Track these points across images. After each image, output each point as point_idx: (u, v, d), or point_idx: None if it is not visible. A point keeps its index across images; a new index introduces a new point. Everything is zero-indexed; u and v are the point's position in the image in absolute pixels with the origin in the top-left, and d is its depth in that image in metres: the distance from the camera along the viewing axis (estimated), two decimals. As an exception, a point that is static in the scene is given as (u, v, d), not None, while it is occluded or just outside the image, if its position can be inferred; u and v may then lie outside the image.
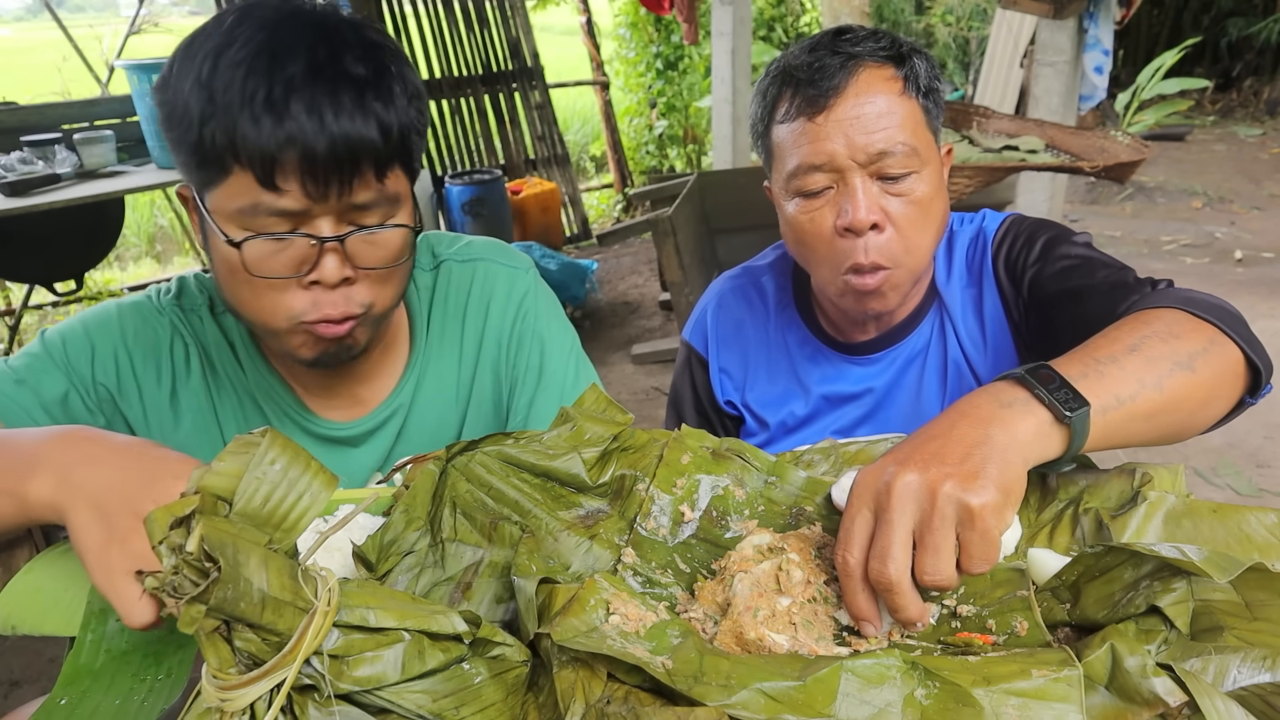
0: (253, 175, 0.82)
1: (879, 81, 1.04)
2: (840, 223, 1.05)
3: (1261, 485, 3.05)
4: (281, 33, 0.82)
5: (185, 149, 0.85)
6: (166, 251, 7.11)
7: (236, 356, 1.05)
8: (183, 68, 0.83)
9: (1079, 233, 1.14)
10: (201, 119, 0.81)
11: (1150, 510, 0.77)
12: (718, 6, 4.69)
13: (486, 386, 1.14)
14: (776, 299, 1.30)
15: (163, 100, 0.86)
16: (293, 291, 0.89)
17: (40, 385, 0.96)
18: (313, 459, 0.60)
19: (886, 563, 0.63)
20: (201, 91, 0.81)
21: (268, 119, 0.80)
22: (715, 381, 1.31)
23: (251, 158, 0.81)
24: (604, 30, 7.77)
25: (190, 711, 0.55)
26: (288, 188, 0.83)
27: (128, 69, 2.64)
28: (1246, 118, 8.93)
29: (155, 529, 0.52)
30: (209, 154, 0.82)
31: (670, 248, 3.01)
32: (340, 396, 1.08)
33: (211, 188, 0.86)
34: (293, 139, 0.81)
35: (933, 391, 1.21)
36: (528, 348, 1.13)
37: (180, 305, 1.04)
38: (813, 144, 1.04)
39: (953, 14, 8.11)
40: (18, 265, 3.17)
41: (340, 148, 0.82)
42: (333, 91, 0.82)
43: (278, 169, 0.82)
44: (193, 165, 0.85)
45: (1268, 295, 4.54)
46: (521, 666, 0.63)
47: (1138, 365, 0.78)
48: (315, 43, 0.83)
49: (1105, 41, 3.46)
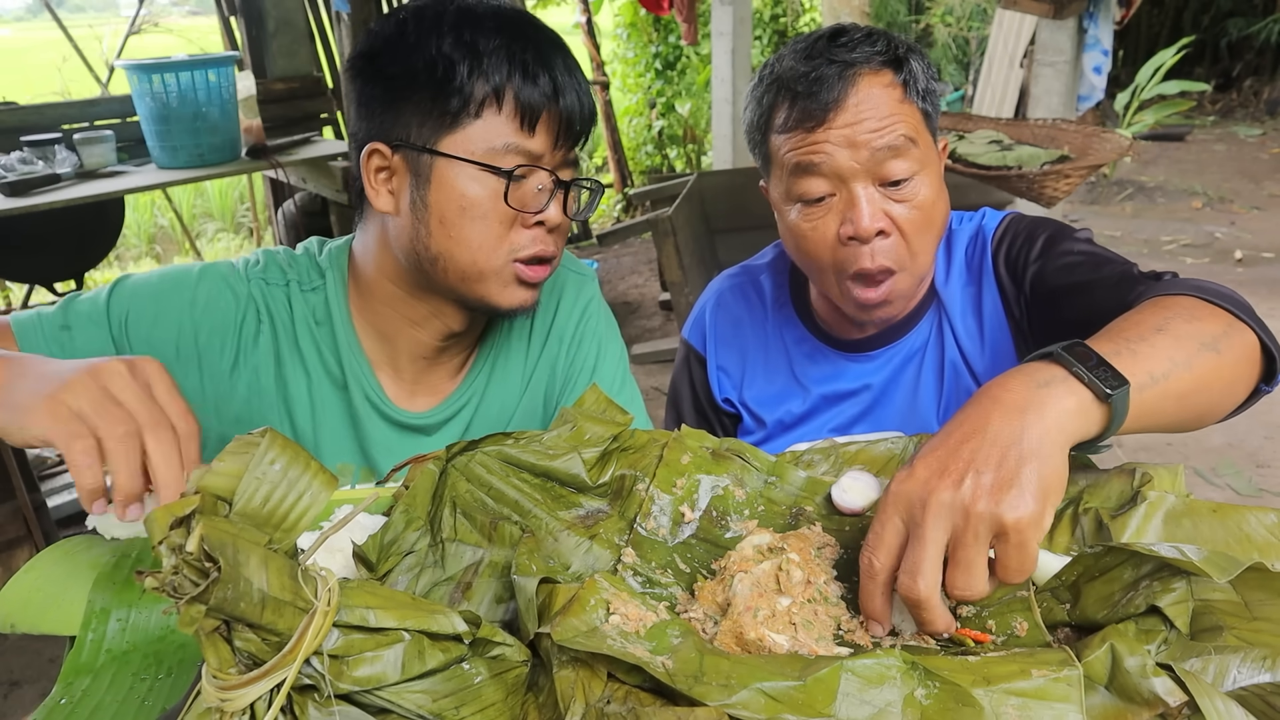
0: (515, 118, 0.95)
1: (878, 89, 1.03)
2: (845, 231, 1.04)
3: (1261, 485, 3.05)
4: (514, 12, 0.99)
5: (435, 100, 0.95)
6: (166, 252, 7.11)
7: (317, 336, 1.07)
8: (424, 32, 0.95)
9: (1079, 229, 1.13)
10: (468, 71, 0.94)
11: (1150, 510, 0.77)
12: (718, 6, 4.69)
13: (543, 380, 1.19)
14: (774, 297, 1.31)
15: (393, 60, 0.96)
16: (517, 229, 1.00)
17: (82, 339, 0.98)
18: (312, 459, 0.60)
19: (917, 579, 0.63)
20: (465, 49, 0.94)
21: (542, 73, 0.95)
22: (713, 380, 1.31)
23: (522, 103, 0.95)
24: (604, 30, 7.77)
25: (190, 711, 0.55)
26: (540, 132, 0.97)
27: (128, 69, 2.63)
28: (1246, 118, 8.93)
29: (155, 529, 0.52)
30: (468, 101, 0.94)
31: (670, 248, 3.01)
32: (422, 384, 1.12)
33: (453, 131, 0.96)
34: (560, 91, 0.97)
35: (929, 390, 1.21)
36: (586, 349, 1.19)
37: (265, 279, 1.07)
38: (814, 154, 1.04)
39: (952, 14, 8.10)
40: (18, 265, 3.17)
41: (586, 105, 1.00)
42: (566, 62, 0.99)
43: (543, 115, 0.96)
44: (440, 114, 0.95)
45: (1268, 295, 4.54)
46: (521, 666, 0.63)
47: (1167, 344, 0.76)
48: (540, 24, 1.01)
49: (1105, 41, 3.46)
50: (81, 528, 3.14)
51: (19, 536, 2.65)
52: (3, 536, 2.63)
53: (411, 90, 0.96)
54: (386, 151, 0.98)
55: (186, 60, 2.66)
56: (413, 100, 0.96)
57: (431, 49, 0.94)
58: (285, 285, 1.07)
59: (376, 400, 1.09)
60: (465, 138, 0.96)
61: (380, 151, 0.99)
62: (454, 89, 0.94)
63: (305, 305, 1.07)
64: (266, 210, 4.43)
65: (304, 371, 1.07)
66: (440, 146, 0.96)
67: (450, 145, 0.96)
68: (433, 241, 0.99)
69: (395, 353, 1.10)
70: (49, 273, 3.30)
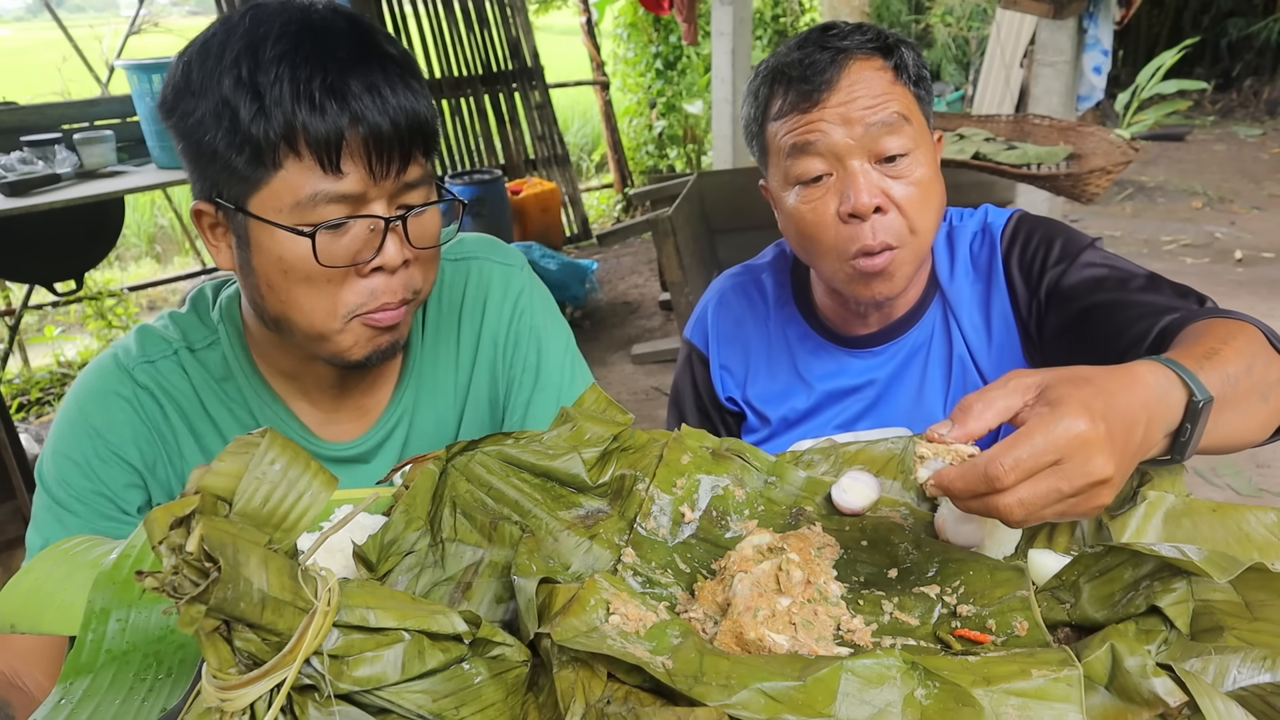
0: (314, 161, 0.82)
1: (869, 71, 1.05)
2: (844, 208, 1.05)
3: (1261, 485, 3.05)
4: (312, 21, 0.84)
5: (227, 153, 0.83)
6: (166, 252, 7.11)
7: (223, 393, 1.02)
8: (206, 74, 0.83)
9: (1090, 236, 1.14)
10: (250, 116, 0.81)
11: (1150, 510, 0.77)
12: (718, 6, 4.69)
13: (483, 386, 1.13)
14: (776, 295, 1.31)
15: (185, 112, 0.85)
16: (350, 283, 0.89)
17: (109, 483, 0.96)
18: (312, 459, 0.60)
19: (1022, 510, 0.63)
20: (244, 89, 0.81)
21: (330, 102, 0.81)
22: (716, 378, 1.31)
23: (314, 142, 0.82)
24: (604, 30, 7.77)
25: (190, 711, 0.55)
26: (349, 169, 0.84)
27: (128, 69, 2.63)
28: (1246, 118, 8.93)
29: (155, 529, 0.52)
30: (260, 150, 0.82)
31: (670, 248, 3.01)
32: (345, 410, 1.07)
33: (258, 188, 0.85)
34: (357, 118, 0.82)
35: (935, 386, 1.21)
36: (525, 347, 1.12)
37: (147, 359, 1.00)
38: (809, 133, 1.05)
39: (952, 14, 8.10)
40: (18, 265, 3.17)
41: (400, 124, 0.85)
42: (382, 70, 0.84)
43: (344, 150, 0.83)
44: (237, 168, 0.84)
45: (1268, 295, 4.54)
46: (521, 666, 0.63)
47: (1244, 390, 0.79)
48: (348, 28, 0.85)
49: (1105, 41, 3.46)
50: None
51: (19, 536, 2.65)
52: (3, 536, 2.63)
53: (207, 143, 0.84)
54: (210, 209, 0.89)
55: (186, 60, 2.66)
56: (213, 154, 0.84)
57: (214, 94, 0.82)
58: (173, 354, 1.00)
59: (302, 441, 1.04)
60: (271, 193, 0.84)
61: (205, 211, 0.90)
62: (242, 139, 0.82)
63: (200, 367, 1.01)
64: (266, 210, 4.43)
65: (220, 436, 1.02)
66: (249, 205, 0.85)
67: (257, 204, 0.85)
68: (267, 305, 0.91)
69: (305, 387, 1.04)
70: (49, 273, 3.30)
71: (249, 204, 0.86)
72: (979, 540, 0.78)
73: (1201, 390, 0.73)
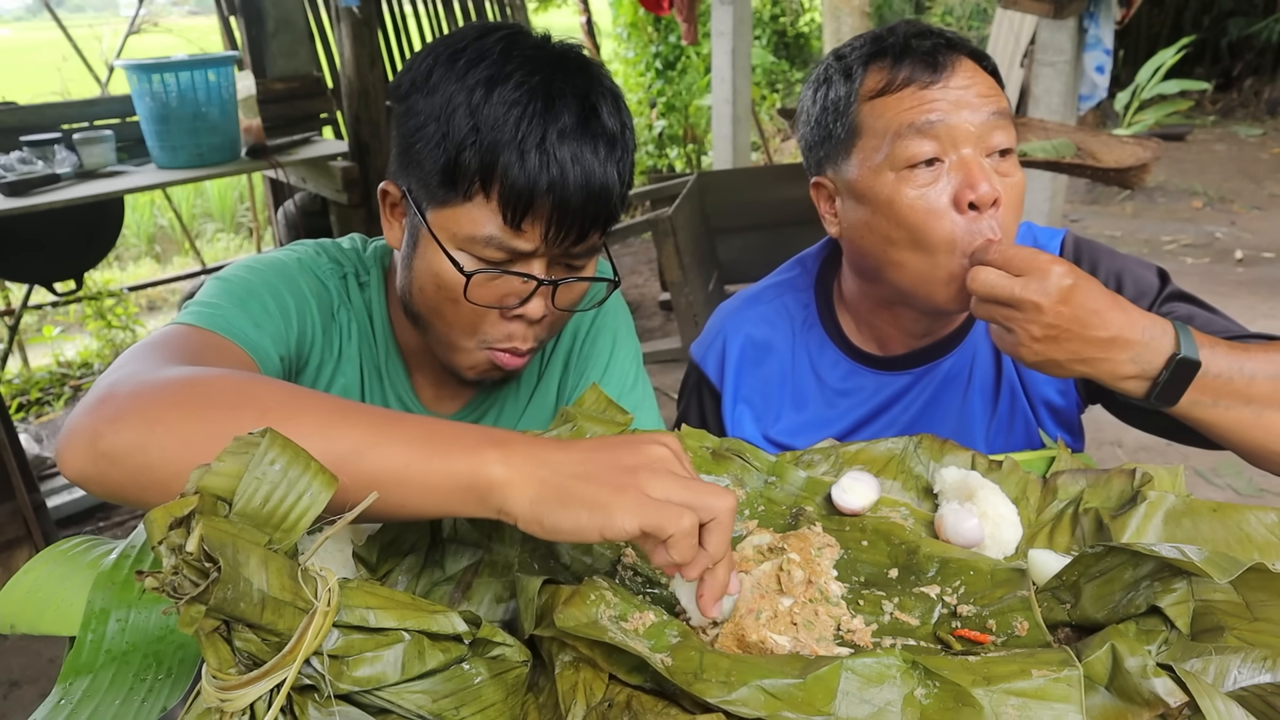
0: (499, 210, 0.85)
1: (976, 69, 1.02)
2: (964, 197, 0.96)
3: (1261, 485, 3.05)
4: (554, 79, 0.86)
5: (431, 163, 0.87)
6: (166, 252, 7.10)
7: (373, 330, 1.06)
8: (444, 81, 0.86)
9: (1155, 267, 1.10)
10: (462, 143, 0.84)
11: (1150, 510, 0.77)
12: (717, 6, 4.69)
13: (556, 373, 1.17)
14: (802, 319, 1.23)
15: (413, 108, 0.88)
16: (492, 319, 0.93)
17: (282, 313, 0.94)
18: (312, 459, 0.60)
19: (975, 282, 0.87)
20: (469, 118, 0.84)
21: (535, 159, 0.83)
22: (728, 416, 1.24)
23: (507, 194, 0.84)
24: (604, 30, 7.77)
25: (190, 711, 0.55)
26: (528, 228, 0.86)
27: (127, 69, 2.63)
28: (1247, 118, 8.93)
29: (154, 529, 0.52)
30: (459, 176, 0.85)
31: (670, 248, 3.01)
32: (446, 387, 1.12)
33: (443, 207, 0.88)
34: (553, 185, 0.84)
35: (980, 413, 1.15)
36: (601, 343, 1.16)
37: (337, 262, 1.05)
38: (930, 111, 0.98)
39: (952, 14, 8.10)
40: (17, 265, 3.17)
41: (591, 200, 0.87)
42: (593, 144, 0.87)
43: (531, 210, 0.85)
44: (434, 181, 0.87)
45: (1268, 295, 4.54)
46: (521, 667, 0.63)
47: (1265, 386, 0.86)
48: (584, 93, 0.87)
49: (1106, 41, 3.46)
50: (80, 527, 3.14)
51: (19, 536, 2.65)
52: (3, 536, 2.63)
53: (418, 145, 0.88)
54: (396, 195, 0.95)
55: (186, 60, 2.66)
56: (422, 156, 0.88)
57: (442, 106, 0.86)
58: (343, 277, 1.05)
59: (409, 402, 1.09)
60: (452, 217, 0.88)
61: (390, 191, 0.95)
62: (447, 160, 0.86)
63: (361, 297, 1.06)
64: (266, 210, 4.44)
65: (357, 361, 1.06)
66: (429, 217, 0.90)
67: (436, 219, 0.89)
68: (413, 301, 0.97)
69: (420, 358, 1.09)
70: (49, 273, 3.30)
71: (429, 215, 0.90)
72: (979, 540, 0.78)
73: (1191, 350, 0.82)
